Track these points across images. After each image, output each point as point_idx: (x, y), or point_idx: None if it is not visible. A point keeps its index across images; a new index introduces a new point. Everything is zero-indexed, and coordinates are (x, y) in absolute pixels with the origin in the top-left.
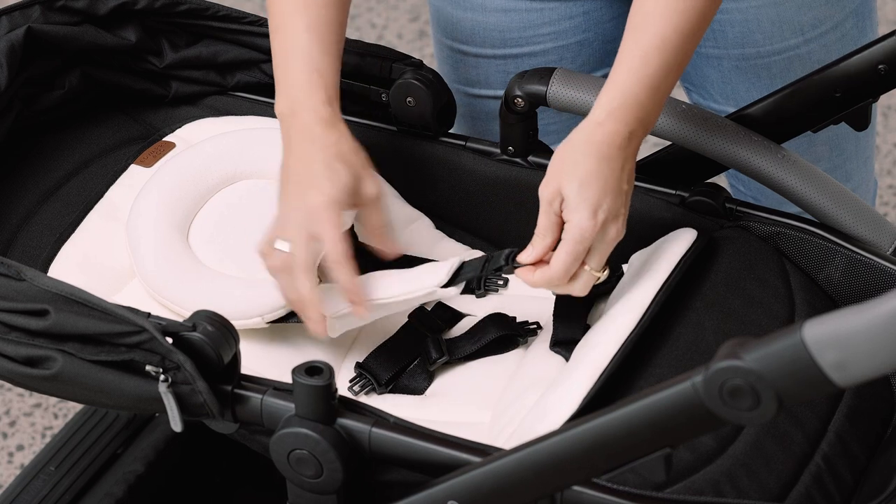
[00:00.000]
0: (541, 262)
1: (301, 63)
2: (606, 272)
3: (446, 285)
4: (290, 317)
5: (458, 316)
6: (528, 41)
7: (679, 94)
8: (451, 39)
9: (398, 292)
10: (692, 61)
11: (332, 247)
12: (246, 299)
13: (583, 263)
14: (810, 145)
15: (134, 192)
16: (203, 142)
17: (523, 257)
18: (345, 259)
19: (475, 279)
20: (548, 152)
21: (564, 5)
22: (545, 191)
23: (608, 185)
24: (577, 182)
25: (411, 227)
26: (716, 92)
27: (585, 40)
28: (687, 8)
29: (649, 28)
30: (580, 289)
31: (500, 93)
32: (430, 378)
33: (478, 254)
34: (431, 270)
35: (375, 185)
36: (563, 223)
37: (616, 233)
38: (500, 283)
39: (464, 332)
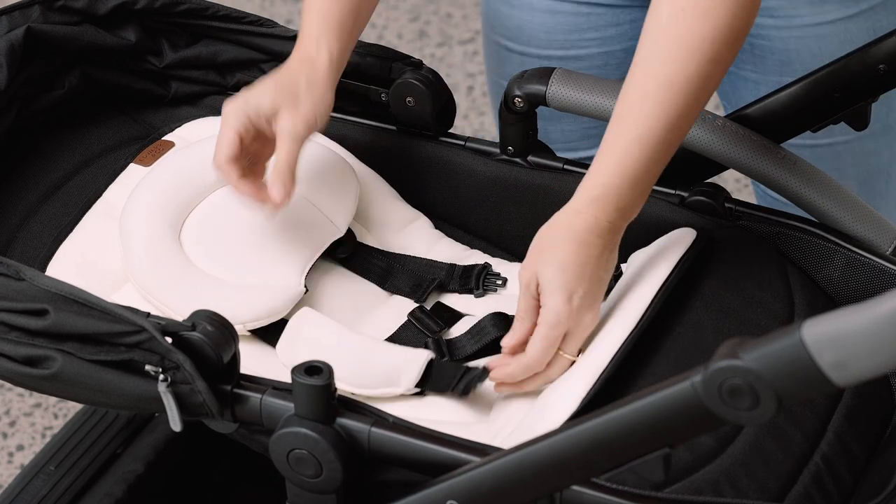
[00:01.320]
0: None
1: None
2: (581, 356)
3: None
4: (274, 328)
5: (458, 316)
6: (574, 45)
7: (714, 108)
8: (497, 35)
9: (363, 389)
10: (731, 81)
11: (219, 147)
12: (230, 305)
13: (558, 349)
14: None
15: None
16: (199, 142)
17: (506, 341)
18: (224, 161)
19: (475, 280)
20: (548, 152)
21: (612, 12)
22: (524, 274)
23: (585, 271)
24: (555, 266)
25: (410, 227)
26: None
27: (632, 48)
28: (670, 104)
29: (631, 120)
30: (556, 374)
31: None
32: None
33: (477, 254)
34: (404, 367)
35: (291, 122)
36: (538, 308)
37: (591, 320)
38: (499, 283)
39: (463, 332)
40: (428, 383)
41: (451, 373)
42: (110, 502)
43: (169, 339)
